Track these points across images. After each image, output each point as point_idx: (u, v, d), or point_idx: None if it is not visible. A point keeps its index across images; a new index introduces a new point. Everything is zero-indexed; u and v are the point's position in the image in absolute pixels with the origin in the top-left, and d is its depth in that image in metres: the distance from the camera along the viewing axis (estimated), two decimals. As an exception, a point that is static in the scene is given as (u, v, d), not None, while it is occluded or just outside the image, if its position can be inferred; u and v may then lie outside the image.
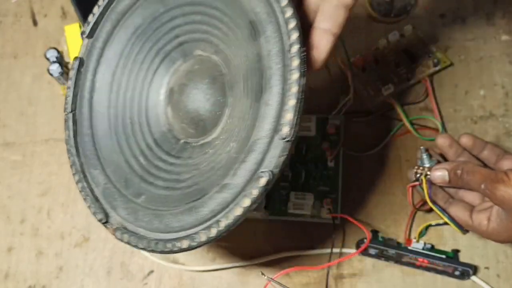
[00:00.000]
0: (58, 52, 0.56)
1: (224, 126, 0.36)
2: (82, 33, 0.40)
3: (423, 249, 0.47)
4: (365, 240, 0.47)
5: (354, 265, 0.49)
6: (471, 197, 0.44)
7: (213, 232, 0.31)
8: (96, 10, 0.40)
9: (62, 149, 0.56)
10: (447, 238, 0.49)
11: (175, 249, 0.33)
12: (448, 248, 0.49)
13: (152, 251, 0.34)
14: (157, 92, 0.40)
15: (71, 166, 0.39)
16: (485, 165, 0.44)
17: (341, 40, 0.54)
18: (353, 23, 0.57)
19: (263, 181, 0.30)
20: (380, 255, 0.48)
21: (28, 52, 0.60)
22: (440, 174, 0.42)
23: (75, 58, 0.40)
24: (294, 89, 0.29)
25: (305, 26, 0.32)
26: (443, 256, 0.47)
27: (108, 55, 0.40)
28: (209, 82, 0.37)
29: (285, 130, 0.29)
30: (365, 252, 0.48)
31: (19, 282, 0.52)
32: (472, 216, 0.42)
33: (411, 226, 0.49)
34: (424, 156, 0.45)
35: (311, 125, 0.52)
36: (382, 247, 0.47)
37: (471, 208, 0.43)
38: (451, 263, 0.46)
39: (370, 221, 0.51)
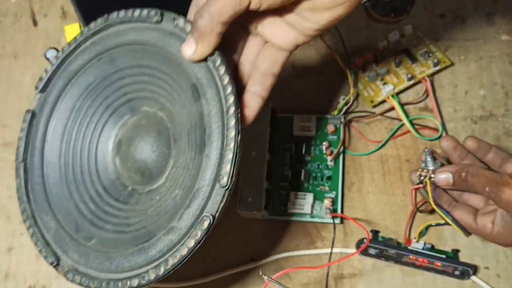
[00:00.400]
0: (58, 52, 0.56)
1: (168, 175, 0.40)
2: (36, 87, 0.44)
3: (423, 249, 0.47)
4: (365, 240, 0.47)
5: (354, 265, 0.50)
6: (475, 200, 0.44)
7: (161, 270, 0.35)
8: (49, 68, 0.44)
9: (62, 149, 0.56)
10: (447, 238, 0.49)
11: (126, 287, 0.36)
12: (448, 248, 0.49)
13: None
14: (106, 143, 0.44)
15: (21, 213, 0.42)
16: (489, 168, 0.44)
17: (341, 40, 0.54)
18: (353, 23, 0.57)
19: (206, 223, 0.34)
20: (380, 255, 0.48)
21: (28, 52, 0.60)
22: (444, 176, 0.42)
23: (27, 111, 0.44)
24: (231, 144, 0.35)
25: (240, 89, 0.39)
26: (443, 256, 0.47)
27: (60, 109, 0.43)
28: (155, 135, 0.42)
29: (225, 179, 0.34)
30: (365, 252, 0.48)
31: (19, 282, 0.52)
32: (477, 219, 0.42)
33: (411, 226, 0.50)
34: (428, 158, 0.45)
35: (311, 125, 0.52)
36: (382, 247, 0.47)
37: (475, 211, 0.43)
38: (451, 263, 0.46)
39: (370, 221, 0.51)
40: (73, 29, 0.55)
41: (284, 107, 0.55)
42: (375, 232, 0.49)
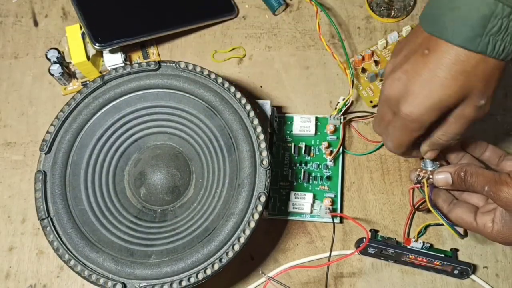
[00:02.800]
0: (59, 52, 0.56)
1: (195, 186, 0.48)
2: (41, 150, 0.47)
3: (422, 248, 0.47)
4: (364, 239, 0.47)
5: (353, 264, 0.50)
6: (475, 198, 0.44)
7: (236, 247, 0.42)
8: (52, 129, 0.47)
9: (63, 149, 0.56)
10: (446, 238, 0.50)
11: (211, 272, 0.42)
12: (447, 247, 0.49)
13: (187, 285, 0.42)
14: (122, 181, 0.49)
15: (73, 268, 0.43)
16: (487, 167, 0.44)
17: (341, 41, 0.54)
18: (353, 23, 0.57)
19: (263, 198, 0.43)
20: (379, 254, 0.48)
21: (29, 52, 0.60)
22: (443, 177, 0.43)
23: (38, 171, 0.46)
24: (261, 136, 0.45)
25: None
26: (442, 255, 0.47)
27: (75, 159, 0.47)
28: (174, 158, 0.48)
29: (265, 162, 0.44)
30: (364, 251, 0.48)
31: (20, 281, 0.52)
32: (476, 218, 0.42)
33: (410, 226, 0.50)
34: (427, 159, 0.45)
35: (311, 125, 0.53)
36: (381, 246, 0.47)
37: (476, 209, 0.43)
38: (450, 262, 0.46)
39: (369, 221, 0.51)
40: (73, 30, 0.55)
41: (284, 107, 0.55)
42: (374, 232, 0.50)
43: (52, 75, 0.55)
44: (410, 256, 0.47)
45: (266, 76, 0.57)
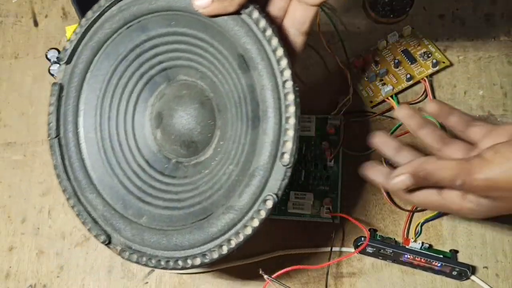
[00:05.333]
0: (59, 52, 0.56)
1: (216, 147, 0.39)
2: (60, 59, 0.41)
3: (421, 248, 0.47)
4: (363, 238, 0.47)
5: (353, 264, 0.50)
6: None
7: (224, 249, 0.35)
8: (74, 37, 0.41)
9: (63, 149, 0.56)
10: (446, 238, 0.50)
11: (187, 265, 0.35)
12: (447, 248, 0.49)
13: (164, 268, 0.36)
14: (143, 114, 0.41)
15: (63, 191, 0.40)
16: (454, 136, 0.39)
17: (340, 41, 0.54)
18: (352, 23, 0.57)
19: (270, 203, 0.34)
20: (378, 254, 0.48)
21: (29, 52, 0.60)
22: (399, 180, 0.35)
23: (54, 84, 0.41)
24: (292, 121, 0.34)
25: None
26: (441, 256, 0.47)
27: (91, 81, 0.41)
28: (198, 106, 0.39)
29: (286, 157, 0.33)
30: (363, 251, 0.48)
31: (20, 281, 0.52)
32: (443, 193, 0.36)
33: (409, 225, 0.50)
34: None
35: (311, 125, 0.53)
36: (379, 246, 0.47)
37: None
38: (449, 263, 0.46)
39: (369, 220, 0.51)
40: (74, 30, 0.55)
41: (284, 107, 0.55)
42: (374, 231, 0.50)
43: (52, 75, 0.55)
44: (409, 256, 0.47)
45: (266, 76, 0.57)
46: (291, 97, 0.34)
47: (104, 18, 0.40)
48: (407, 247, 0.48)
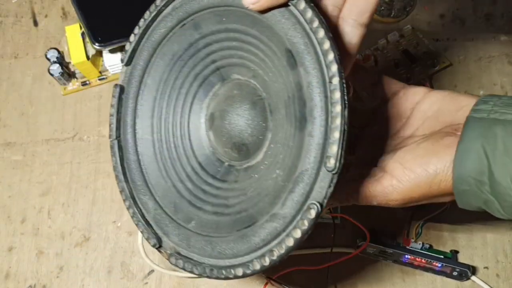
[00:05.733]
0: (59, 52, 0.56)
1: (267, 151, 0.37)
2: (121, 60, 0.41)
3: (421, 249, 0.47)
4: (363, 239, 0.47)
5: (353, 265, 0.50)
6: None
7: (267, 261, 0.32)
8: (132, 38, 0.40)
9: (63, 149, 0.56)
10: (447, 238, 0.49)
11: (230, 276, 0.34)
12: (447, 248, 0.49)
13: (208, 277, 0.35)
14: (198, 115, 0.41)
15: (120, 192, 0.40)
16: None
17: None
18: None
19: (313, 212, 0.30)
20: (378, 254, 0.48)
21: (28, 52, 0.60)
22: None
23: (115, 85, 0.41)
24: (337, 121, 0.30)
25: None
26: (441, 257, 0.47)
27: (148, 82, 0.40)
28: (249, 107, 0.38)
29: (331, 162, 0.30)
30: (364, 251, 0.48)
31: (19, 281, 0.52)
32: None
33: (409, 226, 0.50)
34: None
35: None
36: (380, 246, 0.47)
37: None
38: (449, 263, 0.46)
39: (369, 221, 0.51)
40: (73, 30, 0.55)
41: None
42: (374, 232, 0.49)
43: (52, 75, 0.55)
44: (409, 257, 0.47)
45: (266, 76, 0.57)
46: (337, 94, 0.30)
47: (160, 18, 0.40)
48: (407, 247, 0.48)
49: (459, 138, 0.33)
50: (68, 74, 0.57)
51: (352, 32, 0.34)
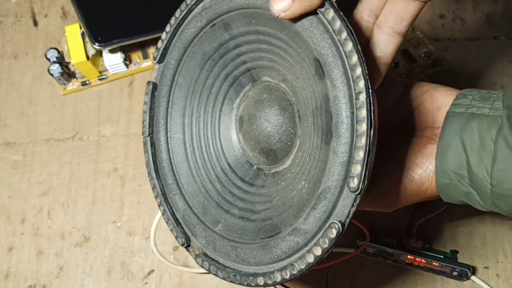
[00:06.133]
0: (59, 52, 0.56)
1: (294, 158, 0.36)
2: (154, 58, 0.41)
3: (421, 249, 0.47)
4: (364, 239, 0.47)
5: (354, 265, 0.50)
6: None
7: (288, 274, 0.32)
8: (164, 36, 0.40)
9: (63, 149, 0.56)
10: (447, 238, 0.49)
11: (252, 284, 0.34)
12: (447, 248, 0.49)
13: (231, 281, 0.35)
14: (228, 116, 0.41)
15: (152, 189, 0.40)
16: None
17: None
18: (352, 23, 0.57)
19: (334, 232, 0.30)
20: (378, 254, 0.48)
21: (28, 52, 0.60)
22: None
23: (148, 82, 0.41)
24: (362, 140, 0.29)
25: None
26: (441, 257, 0.47)
27: (180, 81, 0.40)
28: (278, 112, 0.37)
29: (355, 182, 0.29)
30: (364, 251, 0.48)
31: (19, 281, 0.52)
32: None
33: (409, 226, 0.50)
34: None
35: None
36: (380, 246, 0.47)
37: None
38: (449, 263, 0.46)
39: (369, 221, 0.51)
40: (73, 30, 0.55)
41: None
42: (374, 231, 0.49)
43: (52, 75, 0.55)
44: (409, 257, 0.47)
45: (266, 76, 0.57)
46: (363, 112, 0.29)
47: (191, 17, 0.39)
48: (407, 247, 0.47)
49: (440, 133, 0.33)
50: (68, 74, 0.57)
51: (387, 41, 0.33)
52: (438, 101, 0.36)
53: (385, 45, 0.33)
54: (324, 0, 0.30)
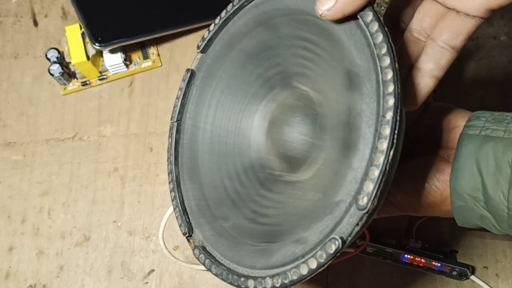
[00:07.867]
0: (59, 52, 0.56)
1: (317, 171, 0.35)
2: (198, 47, 0.41)
3: (421, 248, 0.47)
4: (363, 239, 0.47)
5: (353, 264, 0.50)
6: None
7: (279, 282, 0.31)
8: (212, 28, 0.40)
9: (63, 149, 0.56)
10: (446, 238, 0.49)
11: (242, 286, 0.33)
12: (447, 248, 0.49)
13: (222, 279, 0.35)
14: (259, 116, 0.41)
15: (168, 174, 0.39)
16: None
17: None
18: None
19: (333, 247, 0.28)
20: (378, 254, 0.48)
21: (28, 52, 0.60)
22: None
23: (187, 70, 0.40)
24: (380, 159, 0.27)
25: (405, 64, 0.32)
26: (441, 256, 0.47)
27: (219, 74, 0.40)
28: (301, 120, 0.37)
29: (364, 200, 0.27)
30: (363, 251, 0.48)
31: (20, 281, 0.52)
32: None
33: (409, 225, 0.50)
34: None
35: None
36: (380, 246, 0.47)
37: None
38: (448, 263, 0.46)
39: (369, 221, 0.51)
40: (73, 30, 0.55)
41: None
42: (374, 231, 0.50)
43: (52, 75, 0.55)
44: (409, 256, 0.47)
45: (266, 76, 0.57)
46: (387, 131, 0.27)
47: (241, 13, 0.38)
48: (407, 247, 0.48)
49: (454, 155, 0.33)
50: (68, 74, 0.57)
51: (440, 53, 0.31)
52: (451, 122, 0.36)
53: (438, 57, 0.31)
54: (368, 1, 0.29)
